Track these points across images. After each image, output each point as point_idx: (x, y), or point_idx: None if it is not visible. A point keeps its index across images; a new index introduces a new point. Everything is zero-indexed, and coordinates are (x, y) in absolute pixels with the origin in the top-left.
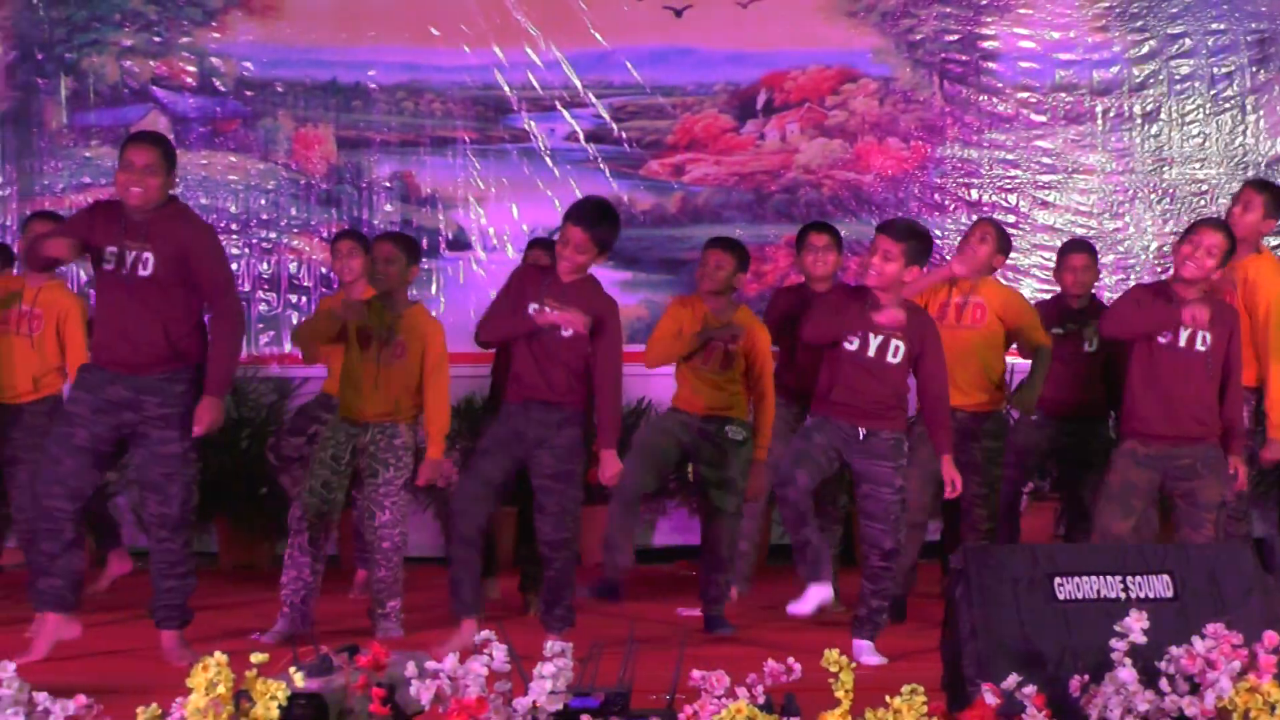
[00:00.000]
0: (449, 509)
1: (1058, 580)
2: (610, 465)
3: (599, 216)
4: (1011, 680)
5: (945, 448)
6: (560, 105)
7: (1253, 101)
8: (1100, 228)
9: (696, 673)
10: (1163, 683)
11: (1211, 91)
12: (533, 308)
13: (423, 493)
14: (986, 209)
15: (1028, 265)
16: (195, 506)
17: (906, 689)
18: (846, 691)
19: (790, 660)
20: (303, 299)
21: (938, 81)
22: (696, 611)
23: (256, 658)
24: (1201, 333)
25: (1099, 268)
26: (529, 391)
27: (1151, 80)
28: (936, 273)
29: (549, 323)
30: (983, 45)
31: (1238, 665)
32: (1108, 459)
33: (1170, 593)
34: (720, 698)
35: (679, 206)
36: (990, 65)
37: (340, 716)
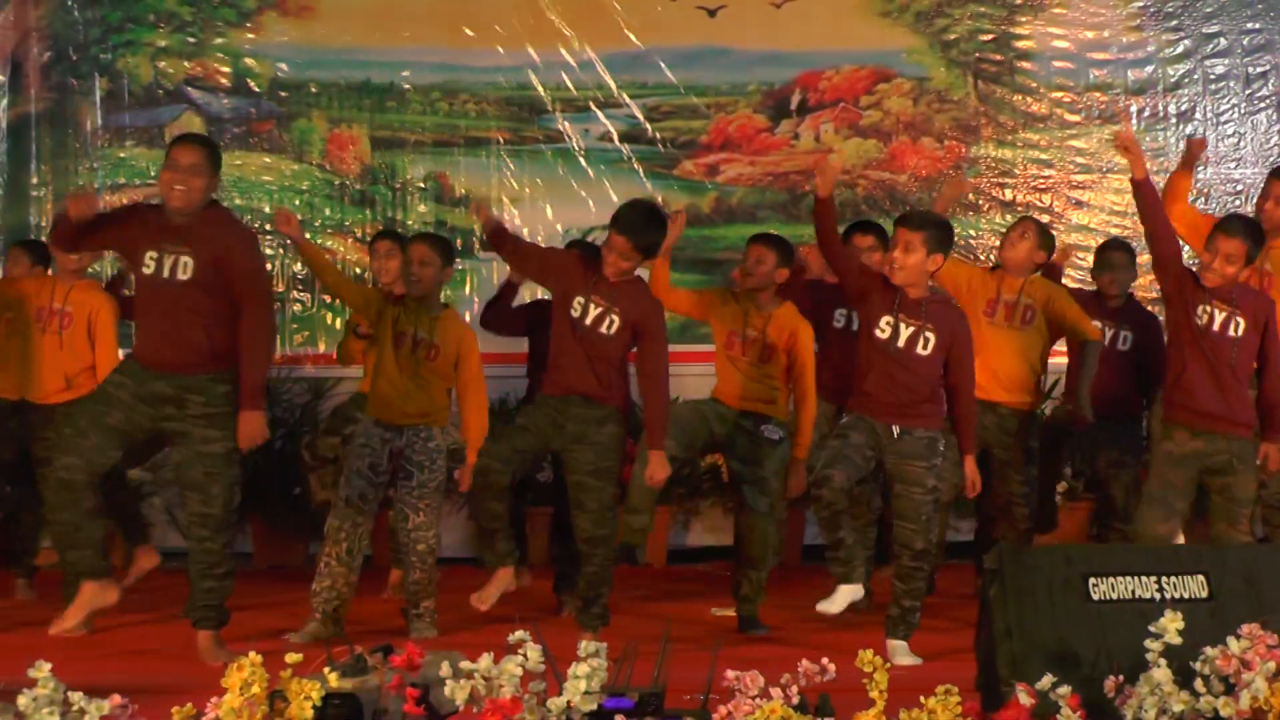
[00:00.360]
0: (476, 467)
1: (1092, 580)
2: (660, 467)
3: (643, 224)
4: (1046, 681)
5: (969, 447)
6: (594, 105)
7: None
8: (1135, 228)
9: (731, 673)
10: (1197, 683)
11: (1246, 91)
12: (577, 301)
13: (455, 494)
14: (1021, 209)
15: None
16: (237, 508)
17: (941, 689)
18: (881, 692)
19: (825, 660)
20: (336, 299)
21: (972, 81)
22: (730, 611)
23: (291, 658)
24: (1235, 320)
25: (1136, 268)
26: (569, 386)
27: (1186, 80)
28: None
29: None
30: (1017, 45)
31: (1273, 666)
32: (1140, 457)
33: (1205, 593)
34: (754, 698)
35: (713, 207)
36: (1025, 65)
37: (374, 716)
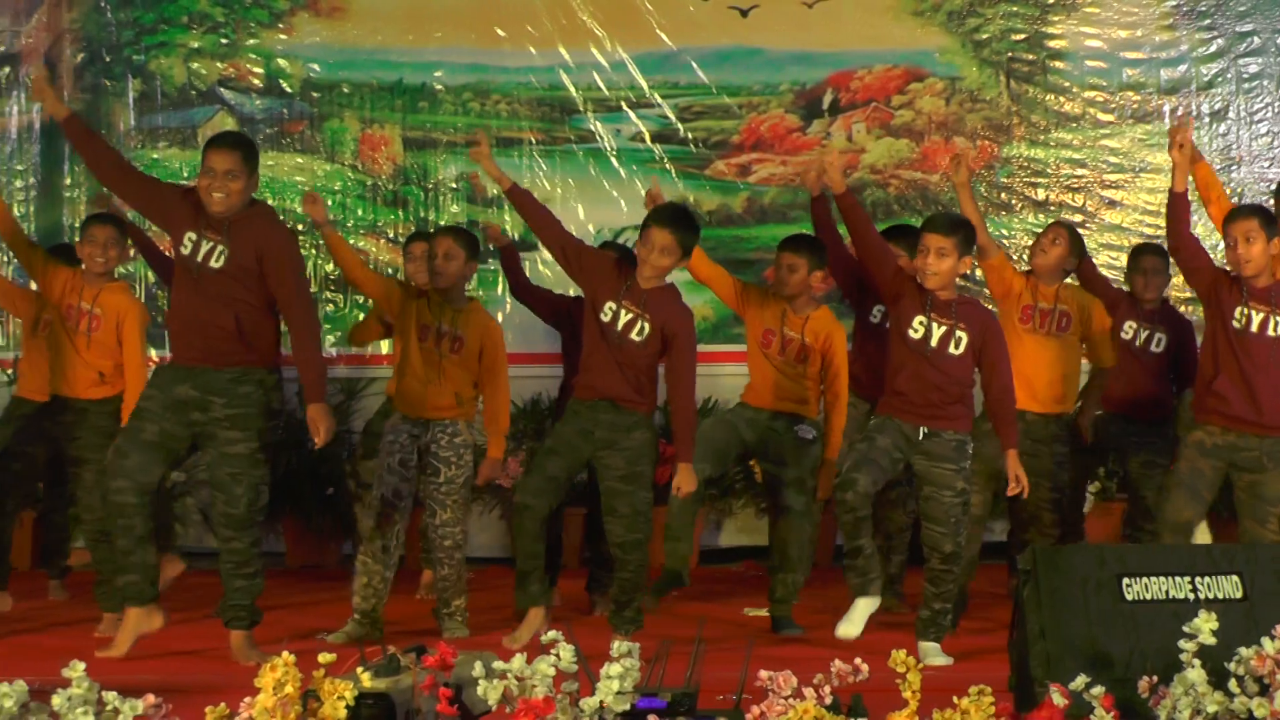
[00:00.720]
0: (514, 502)
1: (1126, 581)
2: (687, 479)
3: (684, 220)
4: (1079, 681)
5: (1011, 442)
6: (626, 106)
7: None
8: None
9: (764, 673)
10: (1231, 684)
11: None
12: (609, 306)
13: (487, 493)
14: (1053, 208)
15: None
16: (263, 507)
17: (974, 690)
18: (914, 692)
19: (857, 661)
20: (369, 300)
21: (1004, 81)
22: (763, 612)
23: (324, 658)
24: (1275, 319)
25: (1169, 271)
26: (599, 392)
27: (1220, 79)
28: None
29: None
30: (1050, 44)
31: None
32: (1172, 459)
33: (1240, 593)
34: (787, 698)
35: (745, 206)
36: (1057, 64)
37: (408, 716)
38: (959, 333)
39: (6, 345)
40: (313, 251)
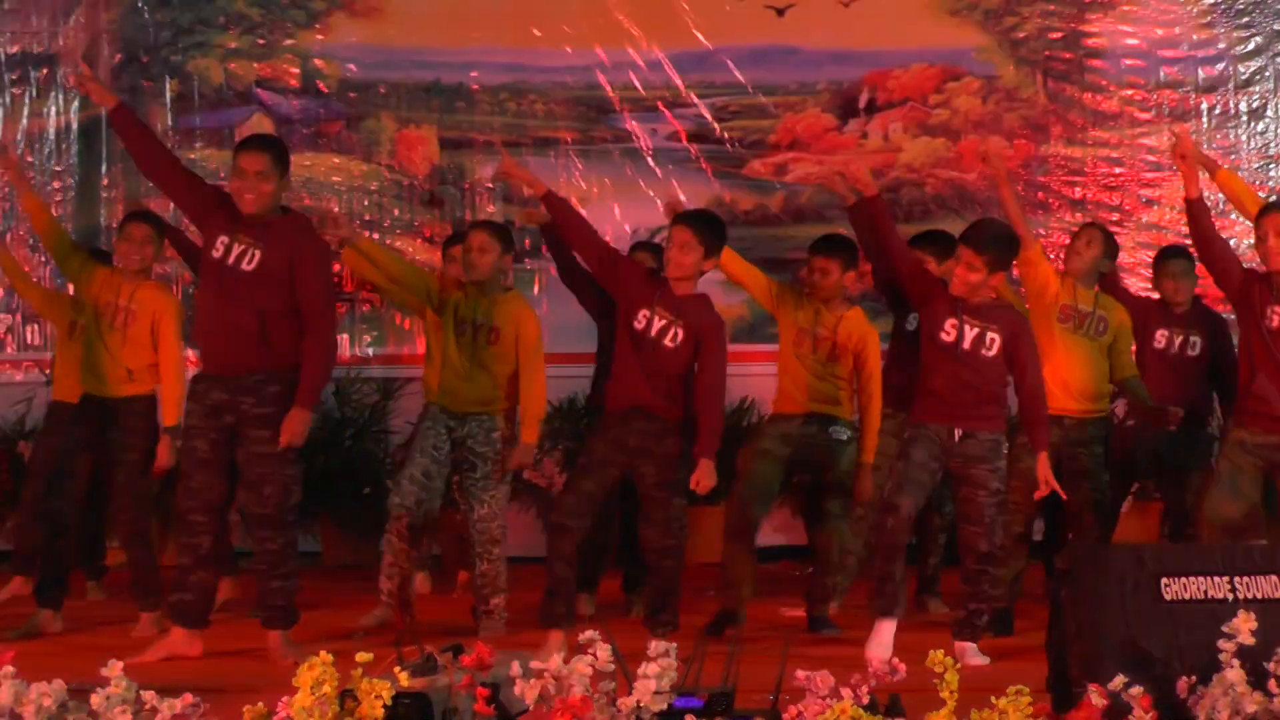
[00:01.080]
0: (550, 522)
1: (1164, 580)
2: (707, 475)
3: (704, 216)
4: (1118, 681)
5: (1042, 444)
6: (662, 105)
7: None
8: None
9: (801, 673)
10: (1270, 684)
11: None
12: (642, 314)
13: (524, 492)
14: (1090, 207)
15: (1132, 264)
16: (295, 506)
17: (1012, 690)
18: (951, 692)
19: (895, 660)
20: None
21: (1041, 79)
22: (801, 611)
23: (361, 657)
24: None
25: (1196, 272)
26: (631, 400)
27: (1258, 77)
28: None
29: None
30: (1087, 43)
31: None
32: (1209, 462)
33: (1279, 593)
34: (825, 698)
35: (781, 206)
36: (1095, 63)
37: (445, 716)
38: (990, 334)
39: (44, 345)
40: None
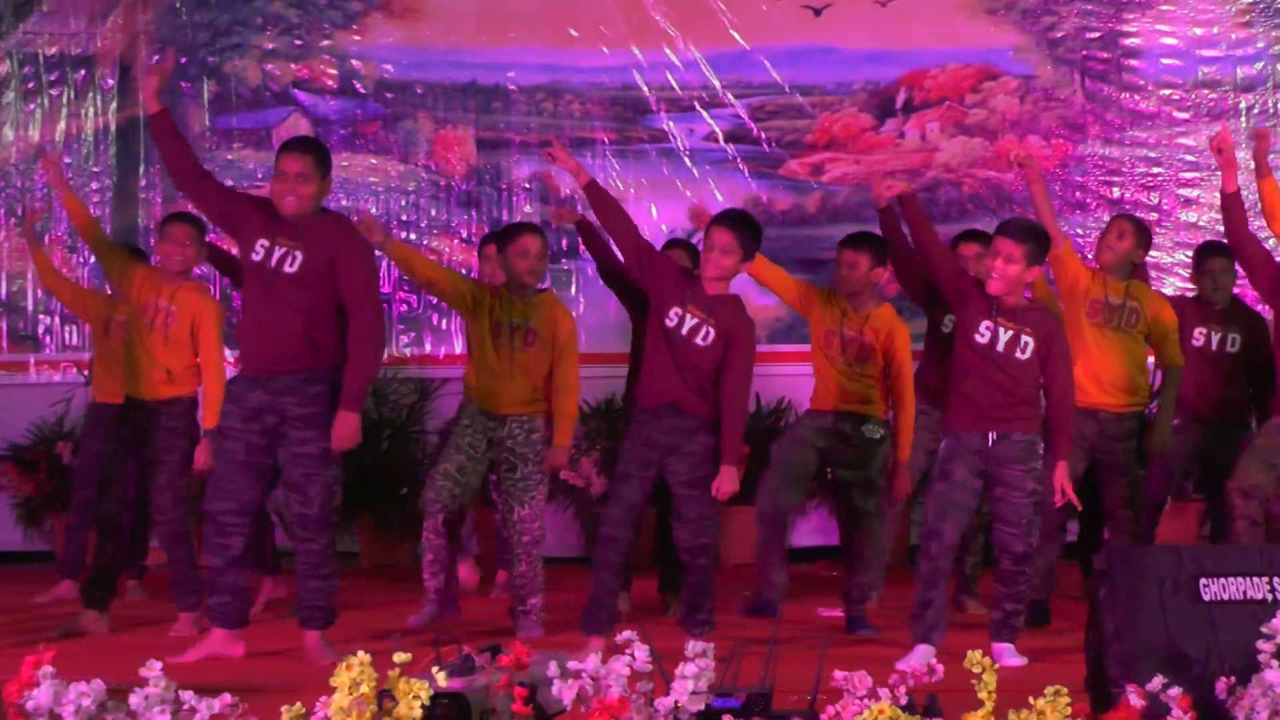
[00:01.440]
0: (599, 534)
1: (1203, 581)
2: (728, 481)
3: (745, 219)
4: (1156, 682)
5: (1062, 454)
6: (699, 105)
7: None
8: None
9: (839, 673)
10: None
11: None
12: (674, 312)
13: (563, 493)
14: (1128, 207)
15: (1170, 263)
16: (338, 507)
17: (1050, 690)
18: (989, 693)
19: (933, 661)
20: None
21: (1079, 79)
22: (838, 612)
23: (399, 657)
24: None
25: (1235, 269)
26: (662, 396)
27: None
28: None
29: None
30: (1125, 42)
31: None
32: None
33: None
34: (863, 698)
35: (818, 206)
36: (1132, 62)
37: (483, 716)
38: (1025, 337)
39: (82, 346)
40: None
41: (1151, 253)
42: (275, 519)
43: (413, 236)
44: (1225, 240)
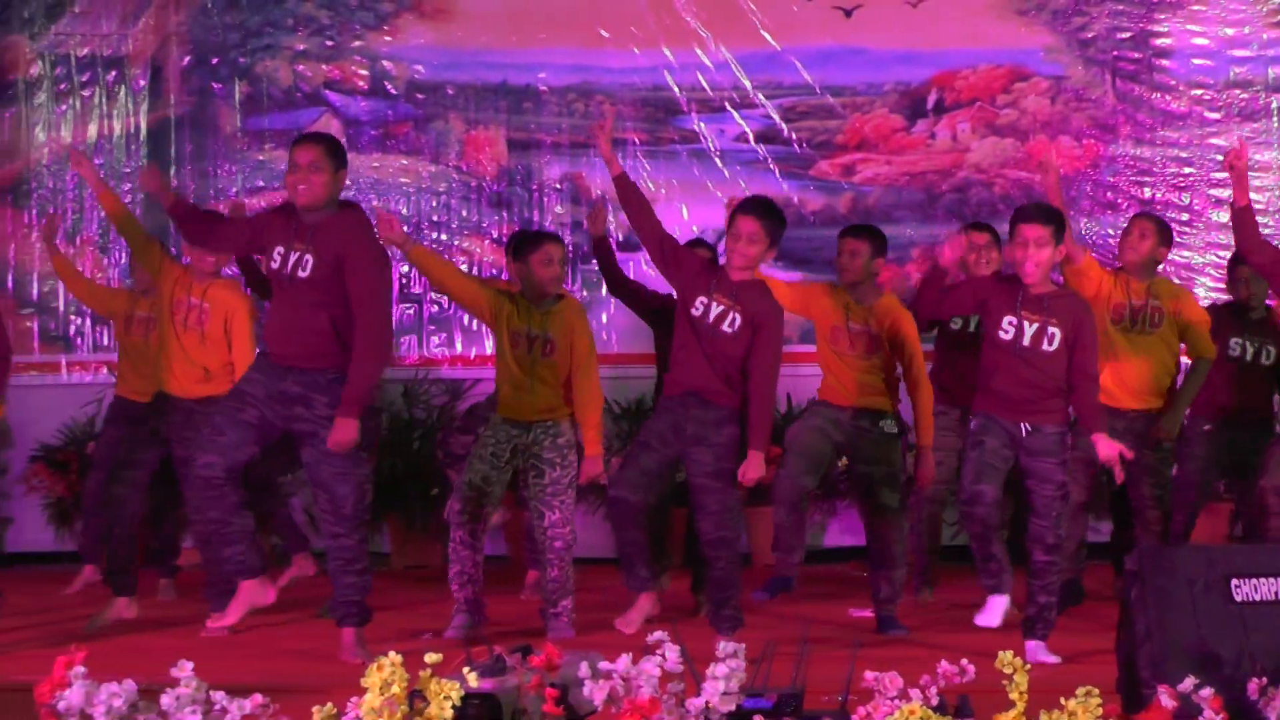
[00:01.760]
0: (608, 496)
1: (1235, 581)
2: (755, 467)
3: (769, 207)
4: (1188, 683)
5: (1098, 425)
6: (730, 106)
7: None
8: (1276, 226)
9: (870, 674)
10: None
11: None
12: (700, 301)
13: (592, 493)
14: (1159, 207)
15: (1201, 264)
16: (369, 505)
17: (1081, 691)
18: (1021, 693)
19: (964, 661)
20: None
21: (1110, 79)
22: (868, 612)
23: (430, 658)
24: None
25: None
26: (688, 385)
27: None
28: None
29: None
30: (1156, 43)
31: None
32: None
33: None
34: (894, 699)
35: (849, 207)
36: (1163, 63)
37: (514, 717)
38: (1051, 328)
39: (113, 347)
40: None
41: (1182, 253)
42: (304, 515)
43: (444, 237)
44: (1245, 257)
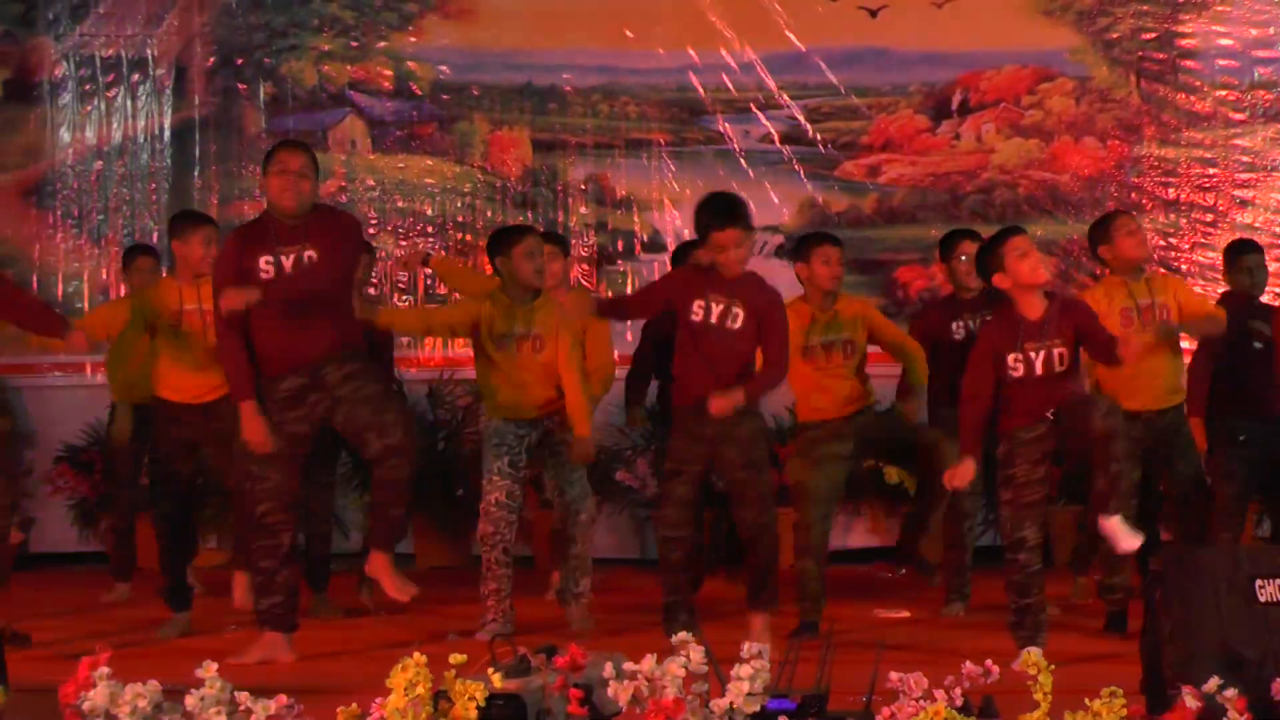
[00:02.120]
0: (658, 537)
1: (1259, 582)
2: (726, 399)
3: (742, 208)
4: (1212, 683)
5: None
6: (755, 107)
7: None
8: None
9: (894, 674)
10: None
11: None
12: (698, 305)
13: (616, 494)
14: (1184, 208)
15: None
16: (415, 439)
17: (1105, 691)
18: (1045, 694)
19: (988, 662)
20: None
21: (1135, 80)
22: (895, 614)
23: (455, 658)
24: None
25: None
26: (700, 392)
27: None
28: None
29: None
30: (1180, 43)
31: None
32: None
33: None
34: (918, 700)
35: (874, 207)
36: (1188, 63)
37: (538, 717)
38: (1056, 350)
39: None
40: (441, 254)
41: (1207, 253)
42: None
43: (468, 238)
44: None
